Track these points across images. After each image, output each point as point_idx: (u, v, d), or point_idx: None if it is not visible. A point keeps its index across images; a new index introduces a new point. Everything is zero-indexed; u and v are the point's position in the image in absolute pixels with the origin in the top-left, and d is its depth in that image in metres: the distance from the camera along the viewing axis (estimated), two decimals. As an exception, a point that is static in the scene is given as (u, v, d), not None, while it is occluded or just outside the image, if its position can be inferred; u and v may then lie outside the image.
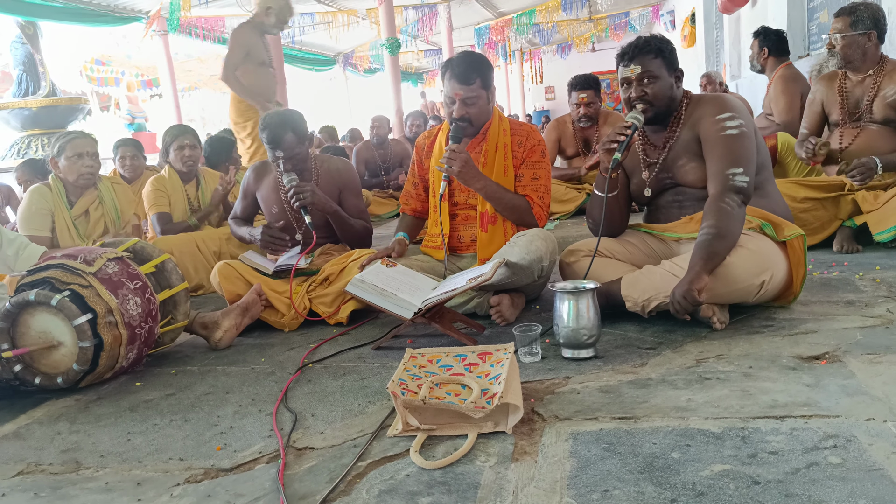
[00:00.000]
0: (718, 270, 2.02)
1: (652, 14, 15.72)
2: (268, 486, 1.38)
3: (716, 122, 2.19)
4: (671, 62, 2.27)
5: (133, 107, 15.66)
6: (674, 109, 2.30)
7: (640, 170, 2.40)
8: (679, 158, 2.29)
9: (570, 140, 4.78)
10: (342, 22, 12.26)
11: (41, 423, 1.86)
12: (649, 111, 2.25)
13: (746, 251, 2.05)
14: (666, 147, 2.32)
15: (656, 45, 2.25)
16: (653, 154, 2.37)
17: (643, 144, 2.40)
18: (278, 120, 2.78)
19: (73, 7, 8.52)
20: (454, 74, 2.46)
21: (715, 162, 2.16)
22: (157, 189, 3.75)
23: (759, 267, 2.05)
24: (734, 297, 2.08)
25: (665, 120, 2.31)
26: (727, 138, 2.16)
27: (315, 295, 2.64)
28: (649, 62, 2.23)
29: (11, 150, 8.17)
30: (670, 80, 2.26)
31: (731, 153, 2.14)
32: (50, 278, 2.07)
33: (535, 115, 20.19)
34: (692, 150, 2.25)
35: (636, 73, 2.24)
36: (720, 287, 2.03)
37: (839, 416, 1.43)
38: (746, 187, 2.12)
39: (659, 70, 2.24)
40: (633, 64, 2.24)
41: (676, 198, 2.35)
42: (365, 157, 6.57)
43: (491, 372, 1.70)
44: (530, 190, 2.53)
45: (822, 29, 5.84)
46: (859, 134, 3.07)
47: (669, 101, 2.27)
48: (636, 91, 2.25)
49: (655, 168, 2.35)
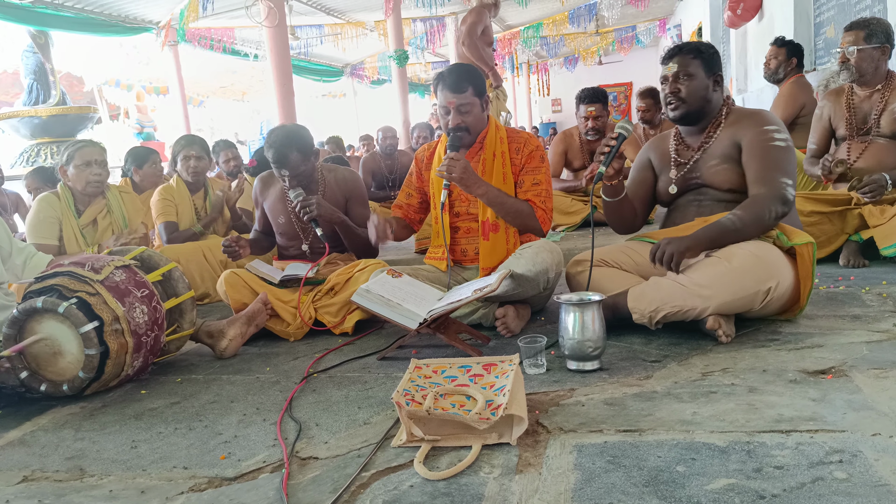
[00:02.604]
0: (725, 276, 2.03)
1: (659, 28, 15.78)
2: (271, 495, 1.38)
3: (763, 132, 2.22)
4: (710, 65, 2.31)
5: (142, 116, 15.76)
6: (710, 112, 2.34)
7: (669, 168, 2.43)
8: (712, 159, 2.31)
9: (577, 152, 4.78)
10: (350, 34, 12.34)
11: (46, 430, 1.87)
12: (680, 108, 2.30)
13: (754, 257, 2.05)
14: (700, 149, 2.35)
15: (696, 45, 2.33)
16: (685, 154, 2.41)
17: (677, 145, 2.44)
18: (283, 139, 2.78)
19: (84, 17, 8.60)
20: (446, 85, 2.47)
21: (764, 168, 2.19)
22: (164, 198, 3.78)
23: (766, 273, 2.04)
24: (739, 306, 2.08)
25: (700, 122, 2.35)
26: (776, 149, 2.20)
27: (321, 304, 2.65)
28: (687, 61, 2.30)
29: (21, 159, 8.24)
30: (707, 82, 2.30)
31: (781, 163, 2.18)
32: (57, 286, 2.08)
33: (542, 128, 20.25)
34: (728, 154, 2.28)
35: (672, 70, 2.31)
36: (725, 294, 2.03)
37: (845, 430, 1.42)
38: (792, 200, 2.15)
39: (696, 70, 2.30)
40: (671, 62, 2.32)
41: (697, 198, 2.37)
42: (372, 167, 6.58)
43: (496, 383, 1.70)
44: (532, 195, 2.52)
45: (828, 44, 5.85)
46: (867, 148, 3.07)
47: (703, 103, 2.31)
48: (669, 87, 2.31)
49: (685, 168, 2.38)
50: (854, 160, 3.10)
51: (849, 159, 3.11)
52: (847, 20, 4.36)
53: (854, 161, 3.09)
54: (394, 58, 10.06)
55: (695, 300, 2.04)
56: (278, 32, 7.10)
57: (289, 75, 7.15)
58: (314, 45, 12.81)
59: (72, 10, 8.35)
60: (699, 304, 2.04)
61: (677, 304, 2.05)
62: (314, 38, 12.48)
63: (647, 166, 2.53)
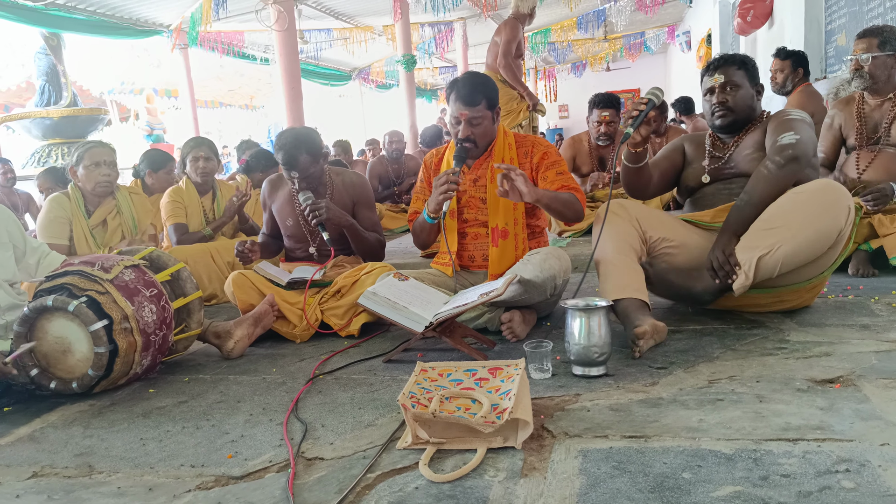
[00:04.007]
0: (790, 205, 2.10)
1: (667, 35, 15.77)
2: (277, 494, 1.39)
3: (780, 113, 2.35)
4: (753, 75, 2.40)
5: (152, 118, 15.85)
6: (751, 120, 2.42)
7: (702, 158, 2.49)
8: (746, 149, 2.38)
9: (586, 158, 4.79)
10: (359, 38, 12.39)
11: (55, 426, 1.88)
12: (728, 117, 2.38)
13: (813, 186, 2.12)
14: (735, 144, 2.43)
15: (740, 58, 2.40)
16: (720, 149, 2.47)
17: (714, 141, 2.50)
18: (293, 141, 2.79)
19: (96, 20, 8.67)
20: (459, 95, 2.47)
21: (769, 137, 2.27)
22: (174, 200, 3.80)
23: (834, 197, 2.09)
24: (821, 238, 2.09)
25: (740, 130, 2.43)
26: (786, 120, 2.26)
27: (327, 307, 2.66)
28: (733, 72, 2.37)
29: (32, 159, 8.31)
30: (751, 92, 2.39)
31: (785, 126, 2.23)
32: (68, 284, 2.10)
33: (549, 133, 20.23)
34: (761, 142, 2.34)
35: (719, 81, 2.37)
36: (800, 223, 2.07)
37: (853, 440, 1.41)
38: (795, 143, 2.16)
39: (741, 80, 2.38)
40: (717, 73, 2.38)
41: (728, 186, 2.42)
42: (379, 171, 6.61)
43: (501, 387, 1.70)
44: (562, 182, 2.49)
45: (839, 52, 5.83)
46: (876, 157, 3.07)
47: (749, 112, 2.39)
48: (718, 97, 2.38)
49: (720, 161, 2.45)
50: (863, 169, 3.09)
51: (849, 164, 3.11)
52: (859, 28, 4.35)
53: (863, 170, 3.09)
54: (402, 62, 10.10)
55: (767, 239, 2.09)
56: (288, 36, 7.15)
57: (297, 79, 7.19)
58: (323, 48, 12.86)
59: (84, 13, 8.42)
60: (774, 240, 2.08)
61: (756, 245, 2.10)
62: (323, 42, 12.53)
63: (679, 150, 2.60)
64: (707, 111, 2.44)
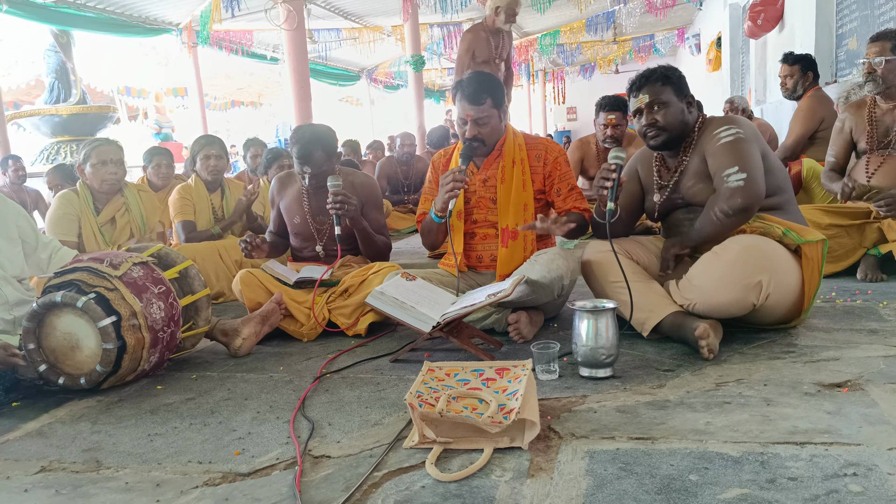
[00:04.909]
0: (712, 266, 2.05)
1: (677, 37, 15.73)
2: (284, 491, 1.39)
3: (712, 137, 2.22)
4: (680, 87, 2.28)
5: (161, 116, 15.94)
6: (687, 134, 2.31)
7: (652, 191, 2.43)
8: (689, 180, 2.30)
9: (594, 161, 4.78)
10: (368, 38, 12.40)
11: (63, 422, 1.89)
12: (661, 136, 2.27)
13: (743, 249, 2.03)
14: (677, 170, 2.34)
15: (662, 72, 2.29)
16: (666, 177, 2.39)
17: (658, 167, 2.42)
18: (310, 136, 2.81)
19: (106, 17, 8.71)
20: (465, 95, 2.49)
21: (714, 172, 2.20)
22: (183, 197, 3.82)
23: (756, 265, 2.00)
24: (734, 302, 2.04)
25: (678, 145, 2.33)
26: (722, 146, 2.18)
27: (334, 306, 2.66)
28: (658, 90, 2.26)
29: (41, 156, 8.36)
30: (681, 106, 2.27)
31: (725, 157, 2.16)
32: (77, 280, 2.11)
33: (556, 136, 20.19)
34: (701, 171, 2.27)
35: (645, 101, 2.27)
36: (713, 285, 2.03)
37: (860, 444, 1.41)
38: (744, 186, 2.09)
39: (668, 97, 2.26)
40: (641, 94, 2.28)
41: (688, 215, 2.35)
42: (388, 172, 6.63)
43: (508, 388, 1.70)
44: (574, 200, 2.58)
45: (850, 56, 5.81)
46: (886, 161, 3.05)
47: (682, 126, 2.28)
48: (647, 119, 2.27)
49: (667, 191, 2.37)
50: (873, 173, 3.08)
51: (859, 168, 3.09)
52: (870, 32, 4.34)
53: (873, 174, 3.07)
54: (410, 63, 10.10)
55: (686, 293, 2.10)
56: (297, 36, 7.16)
57: (306, 78, 7.21)
58: (331, 48, 12.89)
59: (93, 11, 8.46)
60: (691, 296, 2.08)
61: (663, 316, 2.11)
62: (331, 42, 12.55)
63: (635, 178, 2.52)
64: (639, 132, 2.34)
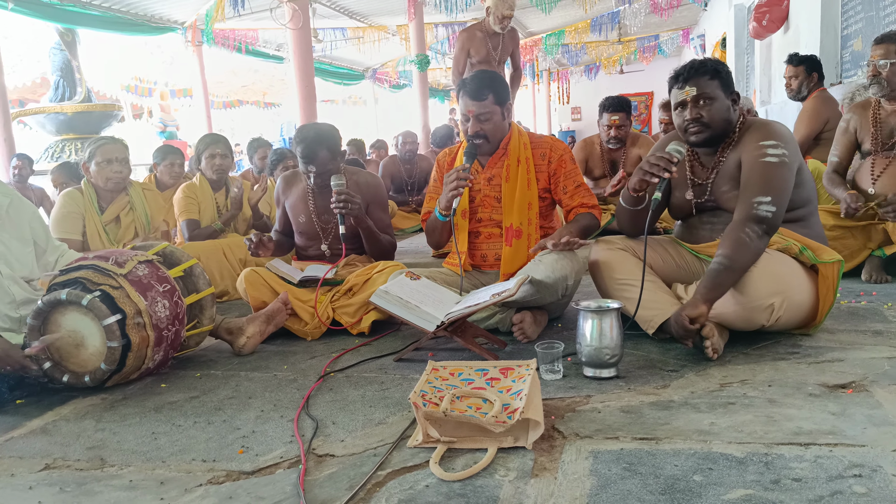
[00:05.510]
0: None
1: (682, 38, 15.70)
2: (288, 490, 1.40)
3: (757, 147, 2.12)
4: (727, 84, 2.19)
5: (165, 115, 15.97)
6: (728, 133, 2.23)
7: (685, 186, 2.34)
8: (724, 184, 2.23)
9: (598, 161, 4.78)
10: (372, 37, 12.41)
11: (68, 420, 1.90)
12: (704, 133, 2.18)
13: (757, 270, 2.01)
14: (714, 170, 2.26)
15: (712, 65, 2.18)
16: (701, 175, 2.31)
17: (692, 164, 2.34)
18: (314, 135, 2.81)
19: (111, 16, 8.73)
20: (467, 92, 2.50)
21: (745, 187, 2.11)
22: (188, 196, 3.82)
23: (771, 288, 2.00)
24: (743, 320, 2.04)
25: (718, 143, 2.24)
26: (764, 165, 2.09)
27: (338, 305, 2.67)
28: (705, 83, 2.15)
29: (46, 154, 8.38)
30: (727, 103, 2.18)
31: (763, 181, 2.08)
32: (82, 278, 2.11)
33: (561, 136, 20.19)
34: (735, 176, 2.19)
35: (691, 94, 2.16)
36: (721, 306, 2.01)
37: (865, 445, 1.41)
38: (771, 218, 2.04)
39: (716, 91, 2.16)
40: (687, 86, 2.17)
41: (711, 219, 2.31)
42: (391, 171, 6.63)
43: (512, 387, 1.71)
44: (580, 198, 2.57)
45: (855, 57, 5.79)
46: (891, 164, 3.04)
47: (725, 125, 2.19)
48: (691, 113, 2.16)
49: (700, 189, 2.30)
50: (878, 175, 3.07)
51: (863, 170, 3.08)
52: (875, 33, 4.32)
53: (878, 176, 3.06)
54: (415, 62, 10.09)
55: None
56: (302, 35, 7.16)
57: (311, 77, 7.20)
58: (336, 47, 12.89)
59: (99, 9, 8.47)
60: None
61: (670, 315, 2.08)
62: (337, 41, 12.56)
63: None
64: (679, 126, 2.24)
